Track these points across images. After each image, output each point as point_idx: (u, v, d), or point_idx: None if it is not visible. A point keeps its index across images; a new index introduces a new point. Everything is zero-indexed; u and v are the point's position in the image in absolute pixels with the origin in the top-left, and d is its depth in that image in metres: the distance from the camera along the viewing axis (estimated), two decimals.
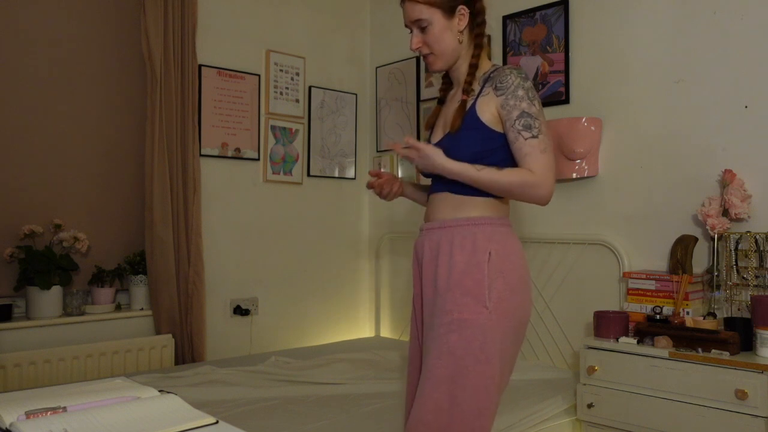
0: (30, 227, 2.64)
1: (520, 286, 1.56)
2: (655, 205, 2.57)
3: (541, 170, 1.50)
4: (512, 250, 1.59)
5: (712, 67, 2.42)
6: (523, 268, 1.60)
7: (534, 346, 2.94)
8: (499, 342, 1.50)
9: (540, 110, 1.55)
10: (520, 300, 1.55)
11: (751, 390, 1.88)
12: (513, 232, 1.65)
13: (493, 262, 1.53)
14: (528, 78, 1.58)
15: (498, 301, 1.51)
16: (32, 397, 1.00)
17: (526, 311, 1.59)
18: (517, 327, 1.55)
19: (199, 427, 0.89)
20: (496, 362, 1.49)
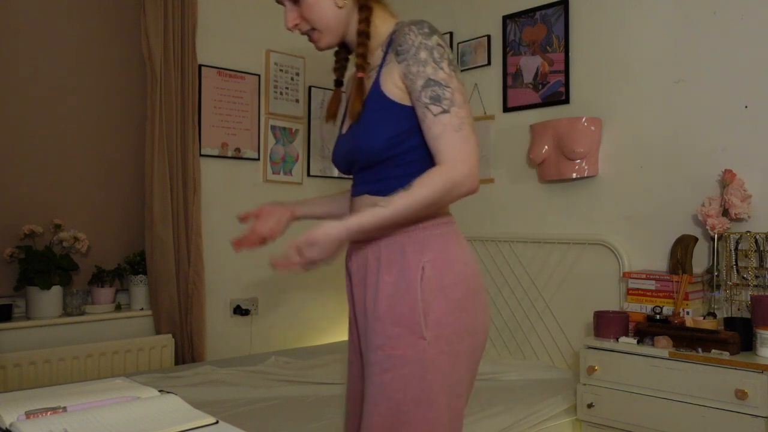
0: (30, 227, 2.64)
1: (468, 302, 1.26)
2: (655, 205, 2.57)
3: (459, 156, 1.19)
4: (454, 257, 1.27)
5: (712, 67, 2.42)
6: (470, 277, 1.28)
7: (534, 346, 2.94)
8: (445, 376, 1.22)
9: (451, 74, 1.22)
10: (470, 318, 1.26)
11: (751, 390, 1.88)
12: (456, 231, 1.33)
13: (429, 279, 1.23)
14: (434, 32, 1.26)
15: (439, 327, 1.22)
16: (32, 397, 1.00)
17: (481, 329, 1.29)
18: (470, 351, 1.27)
19: (199, 427, 0.89)
20: (442, 401, 1.21)
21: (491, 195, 3.16)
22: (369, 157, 1.29)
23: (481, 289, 1.31)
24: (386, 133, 1.26)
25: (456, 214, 1.32)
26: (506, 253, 3.05)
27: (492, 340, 3.11)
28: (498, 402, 2.25)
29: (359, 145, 1.29)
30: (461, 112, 1.21)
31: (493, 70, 3.16)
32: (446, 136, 1.19)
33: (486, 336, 1.32)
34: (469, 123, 1.22)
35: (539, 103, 2.94)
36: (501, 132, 3.12)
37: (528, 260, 2.97)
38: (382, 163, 1.29)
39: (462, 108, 1.21)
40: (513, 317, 3.02)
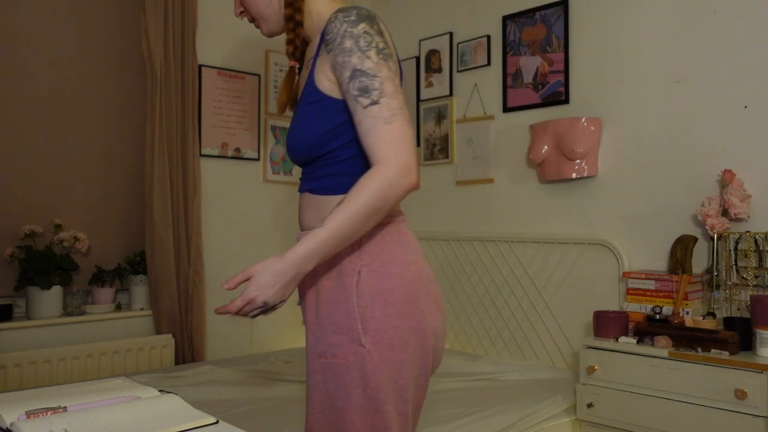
0: (30, 227, 2.64)
1: (412, 306, 1.18)
2: (655, 205, 2.57)
3: (390, 152, 1.10)
4: (393, 259, 1.19)
5: (712, 67, 2.42)
6: (414, 280, 1.20)
7: (534, 346, 2.94)
8: (390, 383, 1.16)
9: (380, 63, 1.13)
10: (416, 323, 1.19)
11: (751, 390, 1.88)
12: (400, 231, 1.23)
13: (365, 284, 1.17)
14: (362, 19, 1.14)
15: (379, 334, 1.15)
16: (32, 397, 1.00)
17: (430, 333, 1.21)
18: (418, 356, 1.20)
19: (199, 427, 0.89)
20: (389, 408, 1.16)
21: (491, 195, 3.16)
22: (302, 154, 1.24)
23: (428, 292, 1.22)
24: (318, 128, 1.20)
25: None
26: (506, 253, 3.06)
27: (492, 340, 3.11)
28: (498, 402, 2.26)
29: (291, 141, 1.24)
30: (392, 102, 1.12)
31: (493, 70, 3.16)
32: (376, 129, 1.10)
33: (438, 340, 1.25)
34: (402, 114, 1.13)
35: (539, 103, 2.94)
36: (501, 132, 3.12)
37: (528, 260, 2.97)
38: (318, 160, 1.23)
39: (393, 98, 1.12)
40: (513, 317, 3.02)
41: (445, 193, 3.39)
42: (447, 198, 3.38)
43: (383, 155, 1.10)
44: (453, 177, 3.34)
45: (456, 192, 3.33)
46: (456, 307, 3.29)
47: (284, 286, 1.11)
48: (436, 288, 1.25)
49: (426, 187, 3.49)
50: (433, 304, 1.23)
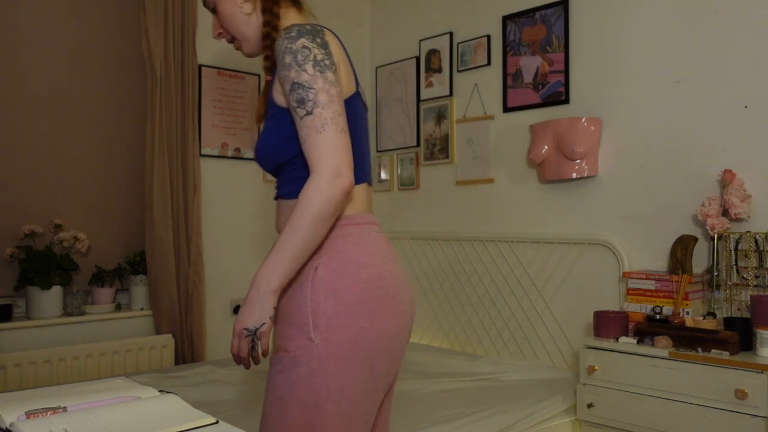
0: (30, 227, 2.64)
1: (365, 306, 1.21)
2: (655, 205, 2.57)
3: (321, 160, 1.16)
4: (350, 259, 1.23)
5: (712, 67, 2.42)
6: (370, 280, 1.22)
7: (534, 346, 2.94)
8: (335, 381, 1.18)
9: (316, 75, 1.19)
10: (368, 323, 1.20)
11: (751, 390, 1.88)
12: (365, 232, 1.28)
13: (320, 280, 1.21)
14: (301, 34, 1.22)
15: (329, 330, 1.18)
16: (32, 397, 1.00)
17: (386, 334, 1.23)
18: (368, 357, 1.21)
19: (199, 427, 0.89)
20: (330, 407, 1.18)
21: (491, 195, 3.16)
22: (266, 162, 1.32)
23: (385, 295, 1.24)
24: (275, 138, 1.28)
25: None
26: (506, 253, 3.06)
27: (492, 340, 3.11)
28: (498, 402, 2.26)
29: (256, 152, 1.33)
30: (325, 112, 1.18)
31: (493, 70, 3.16)
32: (310, 139, 1.17)
33: (393, 343, 1.25)
34: (336, 122, 1.18)
35: (539, 103, 2.94)
36: (501, 132, 3.12)
37: (528, 260, 2.97)
38: (283, 167, 1.30)
39: (326, 108, 1.18)
40: (513, 317, 3.02)
41: (445, 193, 3.39)
42: (447, 198, 3.38)
43: (315, 163, 1.16)
44: (453, 177, 3.34)
45: (456, 192, 3.33)
46: (456, 307, 3.29)
47: (254, 308, 1.16)
48: (396, 291, 1.26)
49: (426, 187, 3.49)
50: (389, 307, 1.24)
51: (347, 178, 1.17)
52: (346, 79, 1.30)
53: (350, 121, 1.28)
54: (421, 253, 3.48)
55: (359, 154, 1.32)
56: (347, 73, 1.30)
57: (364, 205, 1.32)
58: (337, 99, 1.21)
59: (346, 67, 1.31)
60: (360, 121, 1.35)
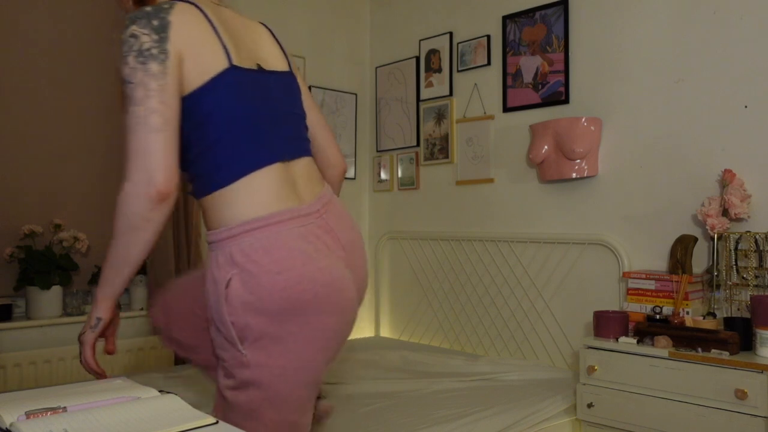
0: (30, 227, 2.64)
1: (288, 313, 1.16)
2: (655, 205, 2.57)
3: (131, 167, 1.10)
4: (265, 267, 1.15)
5: (712, 67, 2.42)
6: (288, 287, 1.16)
7: (534, 346, 2.94)
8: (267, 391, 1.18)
9: (135, 66, 1.12)
10: (295, 329, 1.17)
11: (751, 390, 1.88)
12: (276, 234, 1.18)
13: (236, 293, 1.15)
14: (134, 20, 1.14)
15: (256, 341, 1.16)
16: (32, 397, 1.00)
17: (315, 339, 1.19)
18: (301, 365, 1.19)
19: (199, 427, 0.89)
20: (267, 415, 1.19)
21: (491, 195, 3.16)
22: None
23: (316, 295, 1.18)
24: None
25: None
26: (506, 253, 3.06)
27: (492, 340, 3.11)
28: (498, 402, 2.26)
29: None
30: (138, 110, 1.10)
31: (493, 70, 3.16)
32: (127, 140, 1.10)
33: (335, 341, 1.23)
34: (145, 122, 1.10)
35: (539, 103, 2.94)
36: (501, 132, 3.12)
37: (528, 260, 2.97)
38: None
39: (139, 105, 1.10)
40: (513, 317, 3.02)
41: (445, 193, 3.39)
42: (447, 198, 3.37)
43: (126, 170, 1.10)
44: (453, 177, 3.34)
45: (456, 192, 3.33)
46: (456, 307, 3.29)
47: (90, 316, 1.23)
48: (329, 289, 1.21)
49: (426, 187, 3.49)
50: (321, 307, 1.19)
51: (158, 185, 1.09)
52: (209, 57, 1.18)
53: (224, 100, 1.19)
54: (421, 253, 3.48)
55: (255, 133, 1.22)
56: (210, 50, 1.19)
57: (272, 198, 1.21)
58: (157, 93, 1.11)
59: (209, 43, 1.19)
60: (247, 95, 1.23)
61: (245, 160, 1.21)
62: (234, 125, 1.20)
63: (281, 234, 1.19)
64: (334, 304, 1.21)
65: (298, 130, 1.36)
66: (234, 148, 1.20)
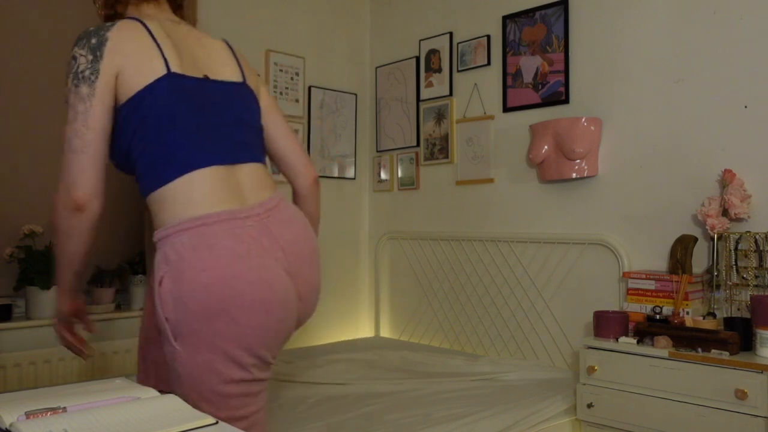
0: (30, 227, 2.64)
1: (212, 311, 1.22)
2: (655, 205, 2.57)
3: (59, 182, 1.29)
4: (190, 264, 1.22)
5: (712, 67, 2.42)
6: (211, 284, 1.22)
7: (534, 346, 2.94)
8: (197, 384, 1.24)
9: (71, 88, 1.26)
10: (220, 326, 1.22)
11: (751, 390, 1.88)
12: (204, 234, 1.25)
13: (166, 289, 1.23)
14: (77, 42, 1.28)
15: (184, 336, 1.23)
16: (32, 397, 1.00)
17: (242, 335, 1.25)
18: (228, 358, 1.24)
19: (199, 428, 0.89)
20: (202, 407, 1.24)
21: (491, 195, 3.16)
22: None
23: (240, 293, 1.23)
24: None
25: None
26: (506, 253, 3.06)
27: (492, 340, 3.11)
28: (498, 402, 2.26)
29: None
30: (68, 129, 1.26)
31: (493, 70, 3.16)
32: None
33: (259, 341, 1.27)
34: (69, 143, 1.27)
35: (539, 103, 2.94)
36: (501, 132, 3.12)
37: (528, 260, 2.97)
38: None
39: (69, 125, 1.26)
40: (513, 317, 3.02)
41: (445, 193, 3.39)
42: (447, 198, 3.37)
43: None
44: (453, 177, 3.34)
45: (456, 192, 3.33)
46: (456, 307, 3.29)
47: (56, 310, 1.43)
48: (254, 288, 1.25)
49: (426, 187, 3.49)
50: (246, 305, 1.24)
51: (74, 197, 1.27)
52: (147, 66, 1.28)
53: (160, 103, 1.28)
54: (421, 253, 3.48)
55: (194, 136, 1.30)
56: (148, 60, 1.28)
57: (209, 199, 1.28)
58: (82, 116, 1.26)
59: (148, 54, 1.29)
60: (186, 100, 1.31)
61: (182, 161, 1.28)
62: (171, 127, 1.28)
63: (212, 234, 1.25)
64: (261, 301, 1.26)
65: (248, 137, 1.43)
66: (171, 149, 1.28)
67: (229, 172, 1.33)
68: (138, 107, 1.27)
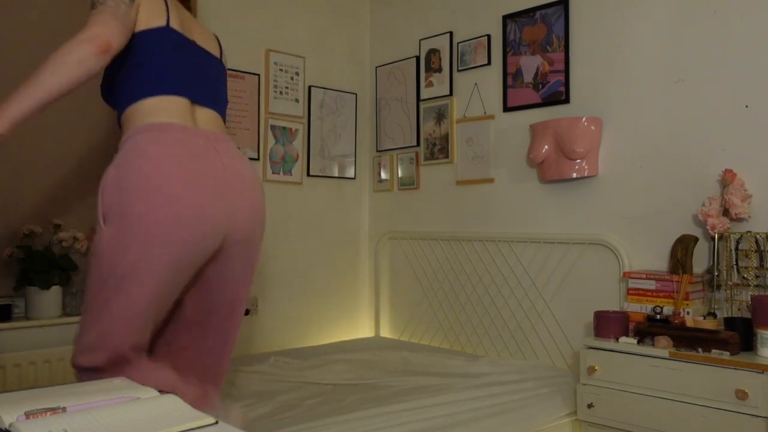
0: (30, 227, 2.64)
1: (140, 196, 1.45)
2: (655, 204, 2.57)
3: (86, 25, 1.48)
4: (133, 158, 1.48)
5: (712, 67, 2.42)
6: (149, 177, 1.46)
7: (534, 346, 2.94)
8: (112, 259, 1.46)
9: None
10: (141, 210, 1.45)
11: (752, 390, 1.88)
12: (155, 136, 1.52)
13: (112, 176, 1.49)
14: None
15: (113, 217, 1.47)
16: (32, 397, 1.00)
17: (158, 223, 1.46)
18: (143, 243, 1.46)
19: (198, 428, 0.89)
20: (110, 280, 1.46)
21: (491, 195, 3.16)
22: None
23: (162, 186, 1.47)
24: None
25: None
26: (506, 253, 3.05)
27: (492, 340, 3.11)
28: (498, 402, 2.25)
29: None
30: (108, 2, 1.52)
31: (493, 69, 3.16)
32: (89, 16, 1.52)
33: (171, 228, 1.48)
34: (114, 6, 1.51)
35: (539, 102, 2.94)
36: (501, 132, 3.12)
37: (528, 260, 2.97)
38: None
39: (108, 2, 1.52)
40: (513, 317, 3.02)
41: (445, 193, 3.39)
42: (447, 198, 3.37)
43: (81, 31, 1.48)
44: (453, 177, 3.34)
45: (456, 192, 3.33)
46: (456, 307, 3.29)
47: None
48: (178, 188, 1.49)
49: (426, 187, 3.49)
50: (166, 198, 1.47)
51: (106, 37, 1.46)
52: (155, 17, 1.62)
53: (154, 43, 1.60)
54: (421, 253, 3.48)
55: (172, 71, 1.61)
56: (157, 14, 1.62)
57: (168, 114, 1.57)
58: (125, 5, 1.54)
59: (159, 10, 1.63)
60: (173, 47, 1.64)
61: (156, 86, 1.59)
62: (154, 63, 1.60)
63: (161, 135, 1.53)
64: (178, 198, 1.49)
65: (216, 92, 1.76)
66: (149, 78, 1.59)
67: (193, 106, 1.65)
68: (135, 43, 1.59)
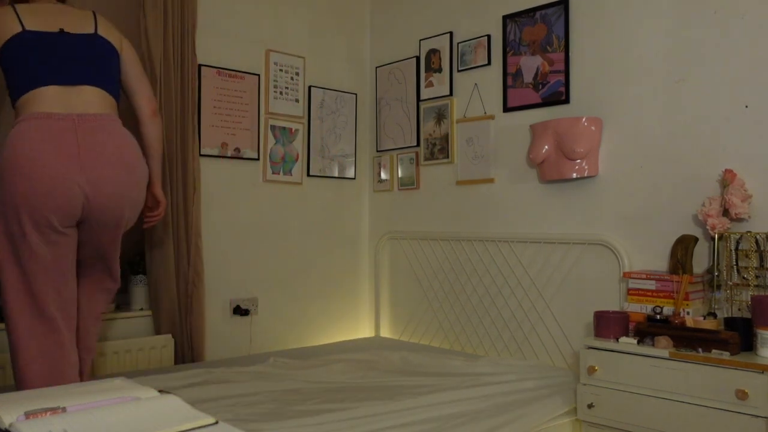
0: None
1: (7, 170, 1.88)
2: (655, 205, 2.57)
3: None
4: (7, 140, 1.90)
5: (712, 67, 2.42)
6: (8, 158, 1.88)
7: (534, 346, 2.94)
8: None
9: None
10: (7, 180, 1.88)
11: (752, 390, 1.88)
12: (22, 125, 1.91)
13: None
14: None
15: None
16: (32, 397, 1.00)
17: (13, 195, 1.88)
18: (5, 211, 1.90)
19: (198, 428, 0.89)
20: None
21: (491, 195, 3.16)
22: None
23: (17, 164, 1.87)
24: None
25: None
26: (506, 253, 3.05)
27: (492, 340, 3.11)
28: (498, 402, 2.25)
29: None
30: None
31: (493, 70, 3.16)
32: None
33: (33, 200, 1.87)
34: None
35: (539, 103, 2.94)
36: (501, 132, 3.12)
37: (528, 260, 2.97)
38: None
39: None
40: (513, 317, 3.02)
41: (445, 193, 3.39)
42: (447, 198, 3.37)
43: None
44: (453, 177, 3.34)
45: (456, 192, 3.33)
46: (456, 307, 3.29)
47: None
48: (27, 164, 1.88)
49: (426, 187, 3.49)
50: (18, 173, 1.88)
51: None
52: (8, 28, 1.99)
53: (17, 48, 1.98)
54: (421, 253, 3.48)
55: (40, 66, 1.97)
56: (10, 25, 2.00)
57: (42, 105, 1.93)
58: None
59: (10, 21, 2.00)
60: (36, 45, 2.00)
61: (32, 82, 1.96)
62: (26, 64, 1.98)
63: (27, 123, 1.91)
64: (29, 172, 1.87)
65: (91, 70, 2.07)
66: (26, 76, 1.98)
67: (66, 90, 1.99)
68: (3, 53, 2.00)
